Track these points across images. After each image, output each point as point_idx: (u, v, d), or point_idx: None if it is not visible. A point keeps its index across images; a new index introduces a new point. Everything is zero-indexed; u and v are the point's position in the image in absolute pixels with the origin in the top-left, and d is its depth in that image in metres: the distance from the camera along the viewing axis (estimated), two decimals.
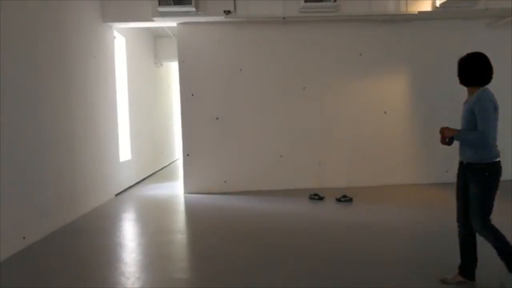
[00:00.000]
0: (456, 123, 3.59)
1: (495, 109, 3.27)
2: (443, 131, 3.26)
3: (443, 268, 3.67)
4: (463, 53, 3.38)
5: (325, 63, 7.70)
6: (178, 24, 7.51)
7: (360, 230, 5.04)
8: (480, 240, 3.22)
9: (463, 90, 8.15)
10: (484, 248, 3.25)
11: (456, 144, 3.39)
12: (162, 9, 6.73)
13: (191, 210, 6.60)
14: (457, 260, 3.37)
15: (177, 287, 3.54)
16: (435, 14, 7.41)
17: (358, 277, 3.60)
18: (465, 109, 3.30)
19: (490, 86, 3.37)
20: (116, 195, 7.61)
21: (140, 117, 9.61)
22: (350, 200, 6.53)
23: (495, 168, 3.18)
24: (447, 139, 3.26)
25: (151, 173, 10.40)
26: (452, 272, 3.38)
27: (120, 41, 8.43)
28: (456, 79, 3.44)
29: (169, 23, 7.68)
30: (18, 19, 4.59)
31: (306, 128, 7.71)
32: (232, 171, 7.64)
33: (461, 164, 3.36)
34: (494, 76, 3.37)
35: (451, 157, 7.78)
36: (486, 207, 3.13)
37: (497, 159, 3.22)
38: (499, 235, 3.11)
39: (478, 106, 3.17)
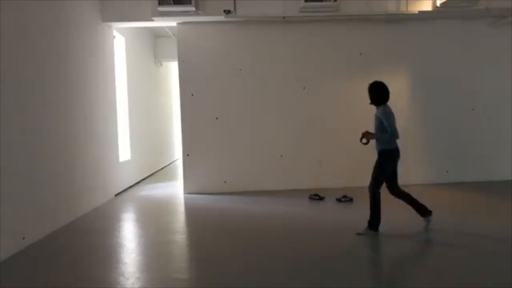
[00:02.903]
0: (455, 122, 3.61)
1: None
2: (364, 134, 4.74)
3: (443, 267, 3.67)
4: (463, 53, 3.45)
5: (325, 63, 7.69)
6: (178, 24, 7.50)
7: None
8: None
9: (462, 91, 8.21)
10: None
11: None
12: (162, 8, 6.72)
13: (191, 210, 6.59)
14: (457, 259, 3.36)
15: (177, 287, 3.54)
16: (435, 14, 7.40)
17: (358, 277, 3.60)
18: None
19: (491, 87, 3.42)
20: (116, 195, 7.60)
21: (140, 117, 9.60)
22: (350, 200, 6.53)
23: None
24: (365, 141, 4.72)
25: (150, 173, 10.40)
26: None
27: (120, 41, 8.42)
28: (454, 79, 3.51)
29: (169, 23, 7.67)
30: (18, 19, 4.58)
31: (306, 128, 7.70)
32: (232, 171, 7.63)
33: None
34: (494, 76, 3.56)
35: (451, 158, 7.85)
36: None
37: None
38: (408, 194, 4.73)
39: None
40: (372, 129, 4.87)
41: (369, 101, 4.90)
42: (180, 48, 7.56)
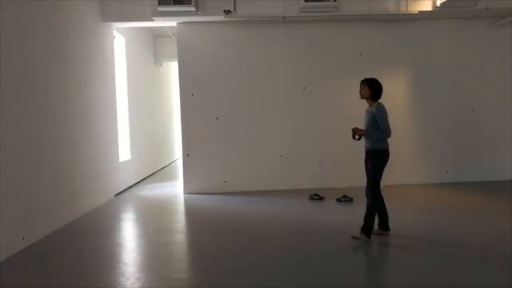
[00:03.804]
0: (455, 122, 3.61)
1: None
2: (354, 130, 4.49)
3: (442, 268, 3.67)
4: (463, 53, 3.46)
5: (325, 63, 7.69)
6: (178, 23, 7.50)
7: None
8: None
9: (462, 91, 8.21)
10: None
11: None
12: (162, 8, 6.72)
13: (191, 210, 6.59)
14: (456, 260, 3.36)
15: (176, 287, 3.54)
16: (435, 14, 7.40)
17: (358, 277, 3.60)
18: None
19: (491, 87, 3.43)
20: (116, 195, 7.60)
21: (140, 117, 9.60)
22: (351, 200, 6.53)
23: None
24: (357, 137, 4.49)
25: (150, 173, 10.40)
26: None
27: (120, 41, 8.42)
28: (454, 79, 3.52)
29: (169, 23, 7.67)
30: (17, 19, 4.58)
31: (306, 128, 7.70)
32: (232, 171, 7.63)
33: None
34: (494, 75, 3.57)
35: (451, 158, 7.85)
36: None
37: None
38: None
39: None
40: (362, 127, 4.63)
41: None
42: (180, 48, 7.56)
